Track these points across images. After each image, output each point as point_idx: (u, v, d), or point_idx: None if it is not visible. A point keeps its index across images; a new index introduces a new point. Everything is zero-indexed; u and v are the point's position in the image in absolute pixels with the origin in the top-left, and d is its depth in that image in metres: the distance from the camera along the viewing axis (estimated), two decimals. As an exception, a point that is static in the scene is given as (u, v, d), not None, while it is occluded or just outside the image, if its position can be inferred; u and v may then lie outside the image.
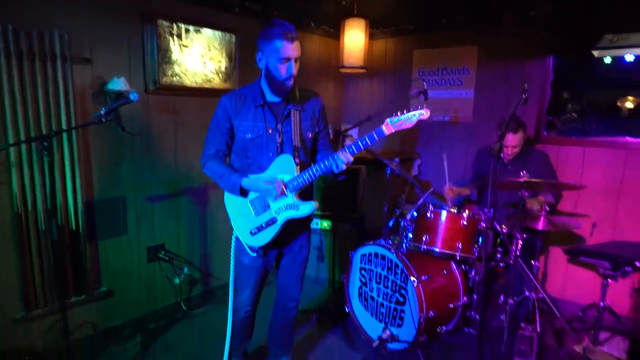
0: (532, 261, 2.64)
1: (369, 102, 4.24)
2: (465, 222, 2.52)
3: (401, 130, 1.78)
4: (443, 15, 3.56)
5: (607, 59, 3.18)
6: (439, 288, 2.56)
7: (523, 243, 2.55)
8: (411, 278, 2.44)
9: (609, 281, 2.58)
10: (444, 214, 2.56)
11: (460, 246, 2.50)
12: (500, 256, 2.63)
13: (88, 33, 2.45)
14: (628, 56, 3.07)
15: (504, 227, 2.62)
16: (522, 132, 2.87)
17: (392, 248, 2.59)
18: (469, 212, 2.55)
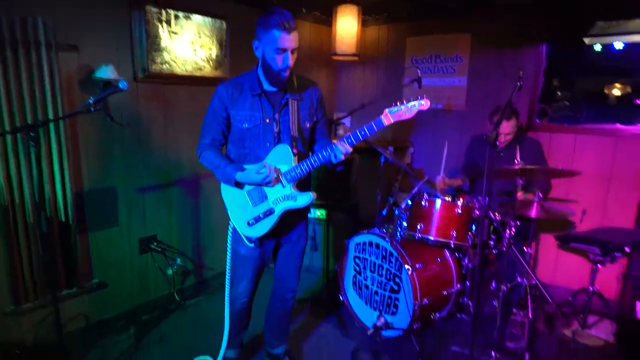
0: (525, 248, 2.68)
1: (362, 90, 4.21)
2: (459, 210, 2.53)
3: (400, 120, 1.76)
4: (436, 1, 3.52)
5: (597, 47, 3.19)
6: (433, 276, 2.58)
7: (516, 230, 2.57)
8: (405, 266, 2.45)
9: (599, 266, 2.63)
10: (439, 203, 2.56)
11: (454, 234, 2.51)
12: (493, 243, 2.65)
13: (73, 19, 2.37)
14: (617, 44, 3.08)
15: (497, 215, 2.64)
16: (515, 119, 2.88)
17: (387, 236, 2.60)
18: (464, 200, 2.56)
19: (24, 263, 2.33)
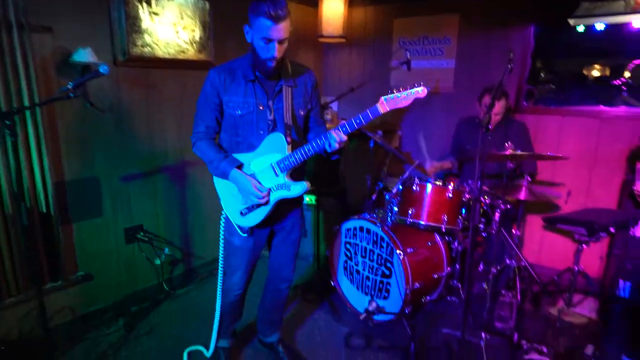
0: (514, 230, 2.71)
1: (349, 74, 4.14)
2: (450, 195, 2.53)
3: (397, 108, 1.72)
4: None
5: (580, 28, 3.19)
6: (424, 260, 2.60)
7: (504, 213, 2.60)
8: (397, 251, 2.45)
9: (584, 246, 2.69)
10: (430, 187, 2.56)
11: (445, 218, 2.52)
12: (482, 227, 2.68)
13: (46, -2, 2.23)
14: (598, 25, 3.07)
15: (487, 198, 2.66)
16: (505, 100, 2.89)
17: (378, 222, 2.59)
18: (454, 185, 2.56)
19: (5, 256, 2.24)
